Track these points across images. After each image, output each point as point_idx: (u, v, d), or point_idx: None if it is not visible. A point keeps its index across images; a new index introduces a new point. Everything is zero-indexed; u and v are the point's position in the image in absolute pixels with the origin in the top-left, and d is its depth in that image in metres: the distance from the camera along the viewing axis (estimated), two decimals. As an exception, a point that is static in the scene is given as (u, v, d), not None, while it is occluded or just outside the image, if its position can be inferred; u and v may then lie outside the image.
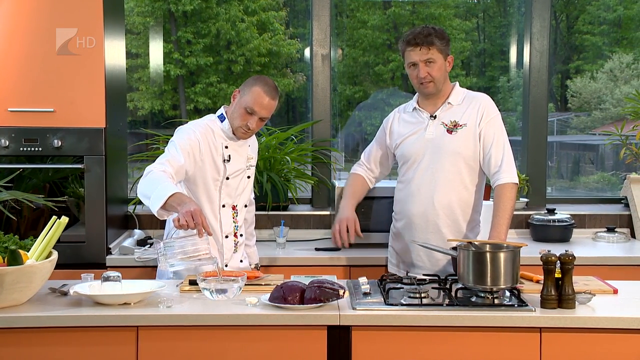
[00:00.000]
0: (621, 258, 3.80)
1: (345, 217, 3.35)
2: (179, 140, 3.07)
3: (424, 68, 3.20)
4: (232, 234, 3.23)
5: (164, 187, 2.80)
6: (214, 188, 3.15)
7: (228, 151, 3.17)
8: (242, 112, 3.10)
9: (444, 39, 3.21)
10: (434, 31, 3.19)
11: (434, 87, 3.23)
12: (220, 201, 3.18)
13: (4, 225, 3.74)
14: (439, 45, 3.19)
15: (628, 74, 5.81)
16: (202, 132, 3.12)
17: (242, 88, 3.14)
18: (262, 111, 3.09)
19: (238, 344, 2.59)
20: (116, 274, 2.77)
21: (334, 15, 4.94)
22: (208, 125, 3.17)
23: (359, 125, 5.69)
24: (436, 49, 3.18)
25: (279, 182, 4.23)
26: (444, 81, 3.26)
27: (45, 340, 2.58)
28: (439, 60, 3.20)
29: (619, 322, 2.56)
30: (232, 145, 3.19)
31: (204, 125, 3.17)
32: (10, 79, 3.61)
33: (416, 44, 3.19)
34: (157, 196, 2.77)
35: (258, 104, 3.08)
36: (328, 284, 2.64)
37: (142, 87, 5.68)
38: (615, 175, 5.48)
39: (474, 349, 2.60)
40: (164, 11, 5.71)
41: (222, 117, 3.18)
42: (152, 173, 2.90)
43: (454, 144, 3.22)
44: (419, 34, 3.18)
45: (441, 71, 3.22)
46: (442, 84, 3.25)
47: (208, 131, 3.15)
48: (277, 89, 3.15)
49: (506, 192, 3.16)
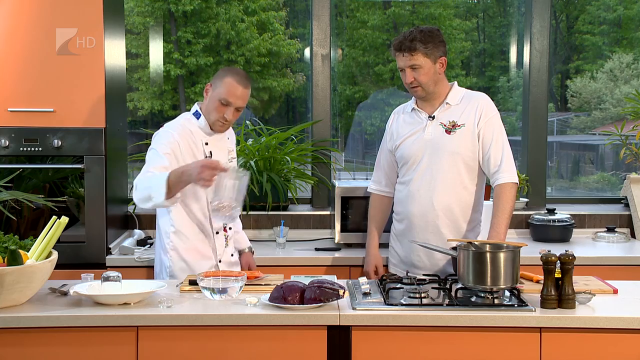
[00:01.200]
0: (621, 258, 3.80)
1: (373, 261, 3.47)
2: (158, 145, 3.07)
3: (410, 73, 3.19)
4: (222, 229, 3.25)
5: (156, 178, 2.85)
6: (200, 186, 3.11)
7: (209, 147, 3.18)
8: (217, 105, 3.10)
9: (429, 42, 3.16)
10: (420, 35, 3.15)
11: (422, 91, 3.22)
12: (208, 198, 3.15)
13: (4, 225, 3.74)
14: (424, 50, 3.15)
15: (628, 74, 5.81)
16: (179, 132, 3.13)
17: (214, 81, 3.13)
18: (237, 101, 3.09)
19: (238, 344, 2.59)
20: (116, 274, 2.77)
21: (334, 15, 4.94)
22: (184, 124, 3.17)
23: (358, 125, 5.69)
24: (421, 54, 3.15)
25: (279, 182, 4.23)
26: (436, 84, 3.23)
27: (45, 340, 2.58)
28: (425, 64, 3.17)
29: (619, 322, 2.56)
30: (211, 141, 3.20)
31: (180, 125, 3.16)
32: (10, 79, 3.61)
33: (400, 49, 3.18)
34: (157, 189, 2.83)
35: (232, 95, 3.08)
36: (328, 284, 2.64)
37: (142, 87, 5.68)
38: (615, 175, 5.48)
39: (474, 349, 2.60)
40: (164, 11, 5.71)
41: (197, 114, 3.19)
42: (139, 182, 2.93)
43: (452, 144, 3.21)
44: (404, 39, 3.17)
45: (428, 75, 3.19)
46: (433, 87, 3.23)
47: (185, 130, 3.15)
48: (249, 78, 3.16)
49: (505, 192, 3.16)
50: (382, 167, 3.48)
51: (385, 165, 3.46)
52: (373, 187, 3.53)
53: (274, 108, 5.87)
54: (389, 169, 3.45)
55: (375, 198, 3.52)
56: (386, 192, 3.48)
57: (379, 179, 3.50)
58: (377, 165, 3.51)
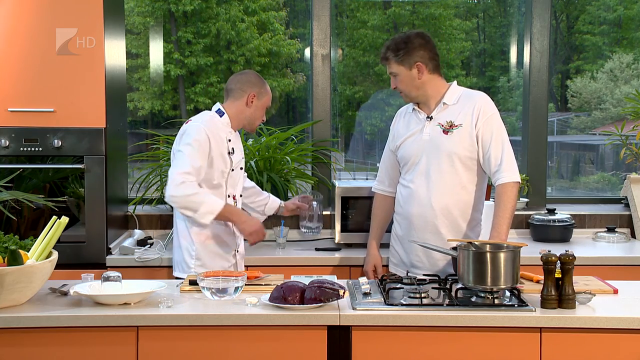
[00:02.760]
0: (621, 258, 3.80)
1: (372, 261, 3.50)
2: (194, 142, 3.22)
3: (393, 81, 3.31)
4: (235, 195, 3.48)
5: (210, 204, 3.17)
6: (222, 180, 3.32)
7: (231, 144, 3.36)
8: (263, 112, 3.45)
9: (401, 50, 3.21)
10: (392, 43, 3.24)
11: (405, 97, 3.31)
12: (226, 192, 3.35)
13: (4, 225, 3.74)
14: (394, 59, 3.23)
15: (628, 74, 5.81)
16: (209, 128, 3.29)
17: (257, 91, 3.38)
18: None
19: (238, 344, 2.59)
20: (116, 274, 2.77)
21: (334, 15, 4.94)
22: (212, 120, 3.34)
23: (359, 125, 5.69)
24: (394, 62, 3.24)
25: (279, 182, 4.23)
26: (418, 89, 3.25)
27: (45, 340, 2.58)
28: (400, 72, 3.23)
29: (619, 322, 2.56)
30: (233, 139, 3.40)
31: (209, 121, 3.33)
32: (10, 79, 3.61)
33: (381, 58, 3.31)
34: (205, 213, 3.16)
35: (271, 100, 3.48)
36: (328, 284, 2.64)
37: (142, 87, 5.68)
38: (615, 175, 5.48)
39: (474, 349, 2.60)
40: (164, 11, 5.71)
41: (221, 112, 3.38)
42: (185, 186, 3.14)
43: (450, 144, 3.21)
44: (383, 48, 3.29)
45: (405, 82, 3.24)
46: (416, 92, 3.26)
47: (214, 126, 3.32)
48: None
49: (507, 192, 3.15)
50: (385, 167, 3.49)
51: (388, 166, 3.47)
52: (377, 186, 3.54)
53: (274, 108, 5.86)
54: (392, 169, 3.46)
55: (378, 198, 3.53)
56: (389, 192, 3.49)
57: (382, 178, 3.51)
58: (381, 165, 3.53)
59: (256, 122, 3.44)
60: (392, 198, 3.48)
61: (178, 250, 3.39)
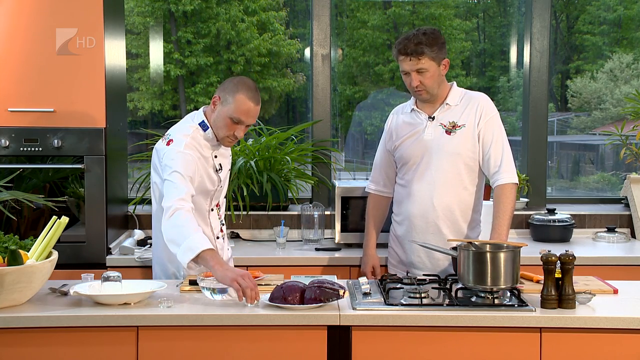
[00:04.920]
0: (621, 258, 3.80)
1: (370, 262, 3.48)
2: (180, 168, 2.88)
3: (416, 77, 3.16)
4: (219, 230, 3.22)
5: (195, 239, 2.70)
6: (207, 198, 3.09)
7: (218, 160, 3.09)
8: (228, 122, 2.93)
9: (435, 45, 3.13)
10: (424, 38, 3.12)
11: (426, 94, 3.21)
12: (210, 206, 3.15)
13: (4, 225, 3.75)
14: (430, 53, 3.12)
15: (628, 74, 5.81)
16: (194, 152, 2.96)
17: (223, 95, 2.94)
18: (248, 119, 2.94)
19: (238, 344, 2.59)
20: (116, 274, 2.77)
21: (334, 15, 4.94)
22: (195, 139, 2.99)
23: (359, 125, 5.69)
24: (427, 58, 3.13)
25: (279, 182, 4.23)
26: (439, 85, 3.22)
27: (45, 340, 2.58)
28: (431, 68, 3.15)
29: (619, 322, 2.56)
30: (219, 154, 3.11)
31: (190, 142, 2.97)
32: (10, 79, 3.61)
33: (406, 53, 3.14)
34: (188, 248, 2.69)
35: (244, 113, 2.91)
36: (328, 284, 2.64)
37: (142, 87, 5.67)
38: (615, 175, 5.47)
39: (474, 349, 2.60)
40: (164, 11, 5.70)
41: (205, 126, 3.01)
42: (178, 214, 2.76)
43: (453, 145, 3.21)
44: (409, 43, 3.12)
45: (434, 78, 3.17)
46: (437, 89, 3.22)
47: (198, 147, 2.99)
48: (258, 91, 2.99)
49: (506, 193, 3.16)
50: (380, 167, 3.47)
51: (384, 166, 3.46)
52: (371, 187, 3.52)
53: (274, 108, 5.87)
54: (388, 169, 3.45)
55: (373, 198, 3.51)
56: (384, 192, 3.48)
57: (377, 179, 3.50)
58: (375, 166, 3.51)
59: (220, 131, 2.96)
60: (387, 198, 3.47)
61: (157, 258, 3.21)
